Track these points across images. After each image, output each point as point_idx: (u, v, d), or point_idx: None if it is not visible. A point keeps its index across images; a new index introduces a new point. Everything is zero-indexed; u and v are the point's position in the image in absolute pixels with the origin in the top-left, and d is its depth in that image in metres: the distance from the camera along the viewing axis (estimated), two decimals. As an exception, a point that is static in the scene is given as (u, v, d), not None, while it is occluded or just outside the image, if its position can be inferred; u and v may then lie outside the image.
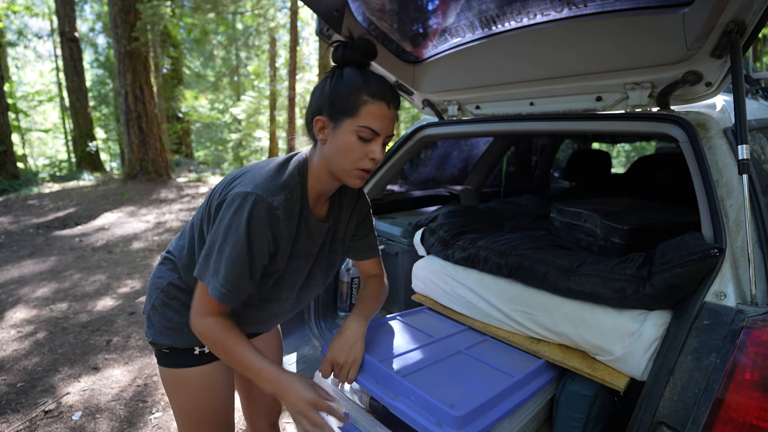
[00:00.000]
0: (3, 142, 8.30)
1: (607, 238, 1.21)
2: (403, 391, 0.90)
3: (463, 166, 2.72)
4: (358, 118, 0.82)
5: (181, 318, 0.96)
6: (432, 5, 1.35)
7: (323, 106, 0.84)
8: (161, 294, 0.98)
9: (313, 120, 0.86)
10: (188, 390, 0.99)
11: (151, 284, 1.02)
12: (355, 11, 1.32)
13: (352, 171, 0.86)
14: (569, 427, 1.11)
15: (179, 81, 12.99)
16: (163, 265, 1.02)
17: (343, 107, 0.82)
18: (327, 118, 0.84)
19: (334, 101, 0.83)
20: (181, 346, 0.97)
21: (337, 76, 0.85)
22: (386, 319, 1.31)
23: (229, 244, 0.81)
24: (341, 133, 0.83)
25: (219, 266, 0.82)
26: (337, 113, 0.83)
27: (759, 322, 0.74)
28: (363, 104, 0.82)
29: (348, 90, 0.82)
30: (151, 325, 0.99)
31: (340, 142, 0.84)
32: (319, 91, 0.86)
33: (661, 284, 0.91)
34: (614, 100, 1.25)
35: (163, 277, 0.99)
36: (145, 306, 1.02)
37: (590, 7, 1.09)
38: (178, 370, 0.98)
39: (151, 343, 0.99)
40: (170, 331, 0.97)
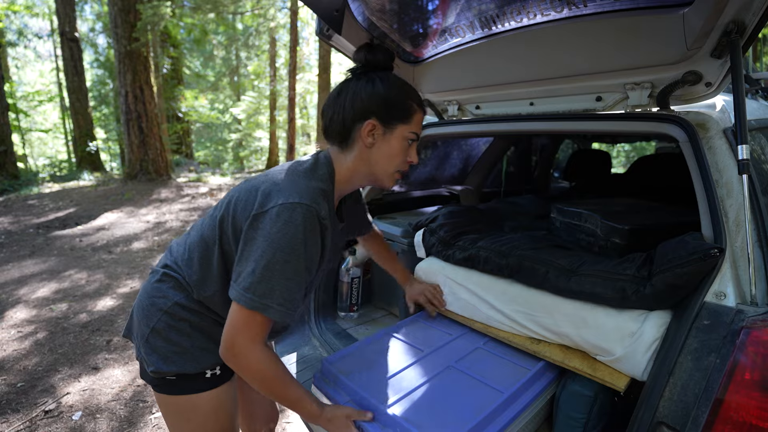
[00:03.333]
0: (3, 142, 8.30)
1: (607, 238, 1.20)
2: (390, 423, 0.87)
3: (463, 166, 2.72)
4: (410, 124, 0.87)
5: (191, 341, 0.87)
6: (432, 5, 1.35)
7: (375, 109, 0.84)
8: (164, 316, 0.87)
9: (360, 123, 0.84)
10: (200, 416, 0.91)
11: (147, 304, 0.89)
12: (355, 11, 1.32)
13: (394, 174, 0.90)
14: (569, 427, 1.11)
15: (179, 81, 12.99)
16: (161, 282, 0.90)
17: (398, 113, 0.85)
18: (379, 123, 0.85)
19: (390, 106, 0.84)
20: (191, 372, 0.87)
21: (382, 80, 0.86)
22: (378, 335, 1.26)
23: (281, 259, 0.74)
24: (393, 138, 0.86)
25: (272, 284, 0.74)
26: (393, 118, 0.85)
27: (759, 322, 0.74)
28: (415, 112, 0.87)
29: (403, 96, 0.86)
30: (152, 352, 0.86)
31: (391, 146, 0.86)
32: (365, 95, 0.84)
33: (661, 284, 0.91)
34: (614, 100, 1.25)
35: (166, 296, 0.88)
36: (139, 329, 0.89)
37: (590, 7, 1.10)
38: (189, 396, 0.89)
39: (152, 372, 0.86)
40: (178, 357, 0.86)
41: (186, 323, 0.88)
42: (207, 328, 0.89)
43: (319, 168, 0.86)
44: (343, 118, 0.85)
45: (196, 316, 0.88)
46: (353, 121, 0.85)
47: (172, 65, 12.23)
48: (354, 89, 0.86)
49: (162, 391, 0.90)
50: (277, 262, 0.74)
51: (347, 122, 0.85)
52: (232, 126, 15.19)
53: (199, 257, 0.88)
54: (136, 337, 0.91)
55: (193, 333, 0.88)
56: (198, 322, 0.88)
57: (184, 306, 0.87)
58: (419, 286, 1.39)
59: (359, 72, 0.89)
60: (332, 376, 1.06)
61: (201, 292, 0.88)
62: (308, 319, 1.75)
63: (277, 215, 0.75)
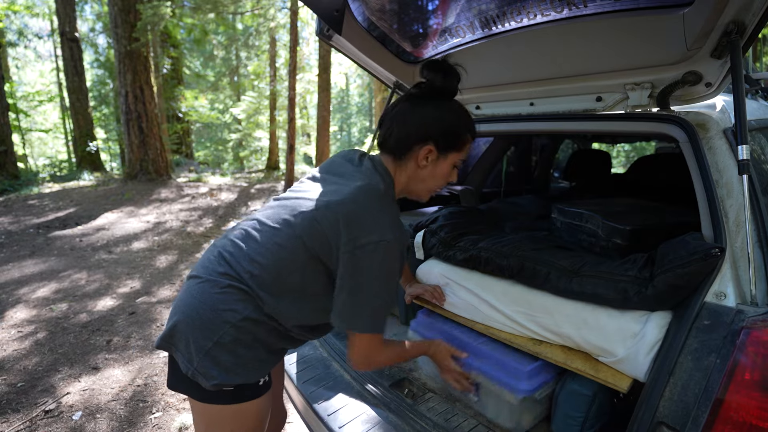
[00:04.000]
0: (3, 142, 8.30)
1: (608, 238, 1.20)
2: (482, 353, 1.21)
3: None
4: (461, 153, 0.95)
5: (253, 353, 0.87)
6: (432, 5, 1.35)
7: (434, 136, 0.90)
8: (232, 329, 0.83)
9: (419, 145, 0.91)
10: (247, 422, 0.92)
11: (211, 317, 0.84)
12: (355, 11, 1.32)
13: (434, 191, 0.99)
14: (567, 426, 1.12)
15: (179, 81, 12.99)
16: (226, 294, 0.85)
17: (454, 144, 0.92)
18: (436, 149, 0.91)
19: (448, 137, 0.91)
20: (252, 382, 0.88)
21: (452, 108, 0.93)
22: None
23: (384, 288, 0.86)
24: (444, 164, 0.94)
25: (378, 307, 0.87)
26: (448, 148, 0.92)
27: (759, 323, 0.74)
28: (467, 143, 0.95)
29: (462, 127, 0.93)
30: (215, 365, 0.83)
31: (441, 170, 0.95)
32: (430, 120, 0.90)
33: (663, 285, 0.91)
34: (614, 100, 1.25)
35: (235, 310, 0.84)
36: (196, 342, 0.83)
37: (590, 7, 1.10)
38: (241, 405, 0.89)
39: (213, 386, 0.83)
40: (242, 368, 0.85)
41: (251, 336, 0.86)
42: (268, 340, 0.90)
43: (388, 189, 0.93)
44: (406, 136, 0.91)
45: (262, 329, 0.88)
46: (414, 142, 0.91)
47: (172, 65, 12.23)
48: (421, 112, 0.91)
49: (215, 401, 0.87)
50: (381, 292, 0.86)
51: (409, 141, 0.91)
52: (232, 126, 15.19)
53: (276, 272, 0.87)
54: (186, 351, 0.85)
55: (255, 345, 0.87)
56: (262, 335, 0.88)
57: (254, 320, 0.86)
58: (420, 285, 1.43)
59: (427, 93, 0.93)
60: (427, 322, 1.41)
61: (275, 305, 0.87)
62: (308, 319, 1.75)
63: (375, 252, 0.82)
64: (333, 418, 1.22)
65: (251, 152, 14.56)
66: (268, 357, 0.91)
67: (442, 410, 1.25)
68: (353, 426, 1.19)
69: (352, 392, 1.33)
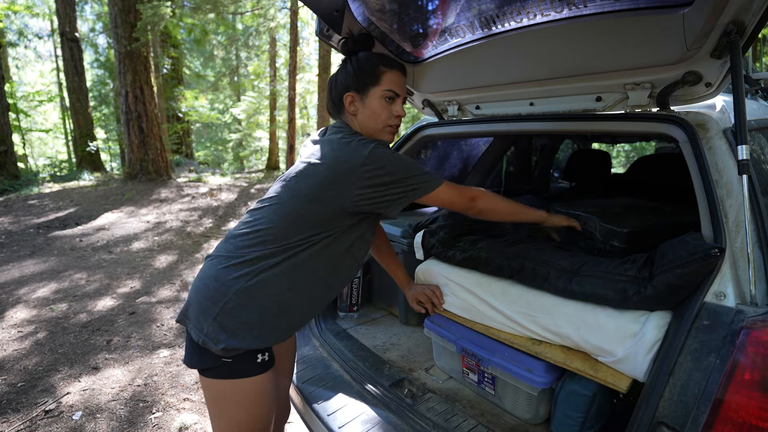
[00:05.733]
0: (4, 142, 8.30)
1: (606, 241, 1.20)
2: (497, 350, 1.24)
3: (463, 166, 2.72)
4: (381, 84, 1.02)
5: (258, 318, 0.93)
6: (432, 5, 1.35)
7: (349, 84, 1.03)
8: (235, 296, 0.92)
9: (342, 98, 1.04)
10: (247, 400, 0.97)
11: (216, 286, 0.94)
12: (355, 11, 1.32)
13: (384, 128, 1.05)
14: (567, 426, 1.12)
15: (179, 81, 12.99)
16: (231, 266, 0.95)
17: (367, 79, 1.02)
18: (354, 92, 1.03)
19: (359, 77, 1.02)
20: (257, 347, 0.94)
21: (354, 59, 1.05)
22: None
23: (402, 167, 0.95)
24: (369, 100, 1.02)
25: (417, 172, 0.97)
26: (363, 85, 1.02)
27: (758, 323, 0.74)
28: (383, 73, 1.02)
29: (368, 65, 1.02)
30: (223, 329, 0.91)
31: (372, 107, 1.03)
32: (342, 75, 1.05)
33: (662, 285, 0.91)
34: (614, 100, 1.25)
35: (237, 278, 0.93)
36: (205, 311, 0.93)
37: (590, 7, 1.09)
38: (238, 380, 0.94)
39: (221, 350, 0.90)
40: (247, 332, 0.92)
41: (254, 301, 0.93)
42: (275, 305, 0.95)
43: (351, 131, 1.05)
44: (333, 96, 1.08)
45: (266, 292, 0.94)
46: (339, 97, 1.05)
47: (172, 65, 12.22)
48: (339, 73, 1.07)
49: (213, 375, 0.95)
50: (406, 166, 0.96)
51: (337, 99, 1.07)
52: (232, 126, 15.19)
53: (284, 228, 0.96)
54: (197, 320, 0.94)
55: (259, 310, 0.94)
56: (268, 299, 0.94)
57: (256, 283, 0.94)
58: (419, 286, 1.42)
59: (344, 60, 1.09)
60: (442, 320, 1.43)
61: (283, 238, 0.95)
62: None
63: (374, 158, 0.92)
64: (333, 418, 1.22)
65: (251, 152, 14.56)
66: (275, 324, 0.96)
67: (442, 410, 1.25)
68: (353, 426, 1.19)
69: (352, 392, 1.33)
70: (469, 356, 1.32)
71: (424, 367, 1.53)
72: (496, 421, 1.24)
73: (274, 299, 0.94)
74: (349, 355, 1.52)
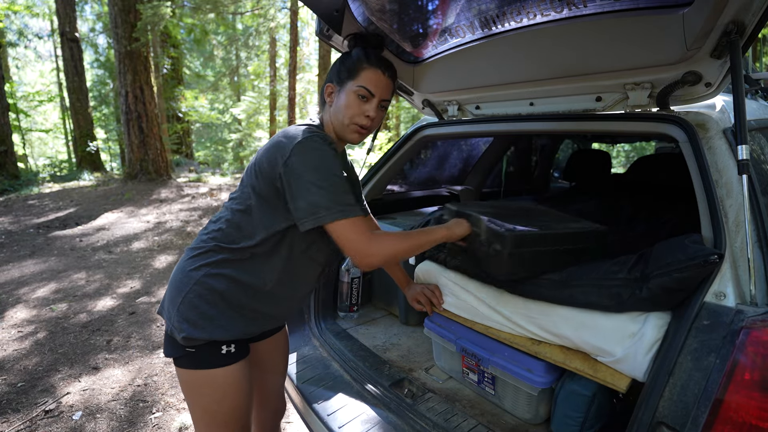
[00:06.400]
0: (4, 142, 8.30)
1: (489, 243, 1.10)
2: (497, 350, 1.23)
3: (463, 166, 2.72)
4: (357, 80, 1.00)
5: (218, 310, 0.95)
6: (432, 5, 1.35)
7: (332, 75, 1.05)
8: (195, 286, 0.95)
9: (324, 92, 1.06)
10: (215, 391, 0.98)
11: (180, 277, 0.98)
12: (355, 11, 1.32)
13: (350, 125, 1.02)
14: (567, 426, 1.12)
15: (179, 81, 12.98)
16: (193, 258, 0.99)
17: (347, 73, 1.02)
18: (334, 84, 1.04)
19: (341, 70, 1.03)
20: (219, 338, 0.96)
21: (346, 54, 1.07)
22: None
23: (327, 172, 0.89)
24: (345, 94, 1.02)
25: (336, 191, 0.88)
26: (343, 78, 1.02)
27: (758, 323, 0.74)
28: (362, 70, 1.01)
29: (353, 61, 1.02)
30: (185, 319, 0.94)
31: (342, 100, 1.02)
32: (333, 68, 1.07)
33: (658, 288, 0.91)
34: (614, 100, 1.25)
35: (197, 268, 0.97)
36: (172, 301, 0.98)
37: (590, 7, 1.09)
38: (205, 371, 0.96)
39: (183, 339, 0.94)
40: (207, 323, 0.94)
41: (212, 292, 0.96)
42: (233, 298, 0.97)
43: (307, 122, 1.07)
44: (322, 87, 1.09)
45: (222, 285, 0.96)
46: (324, 88, 1.07)
47: (172, 65, 12.22)
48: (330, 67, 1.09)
49: (181, 364, 0.98)
50: (327, 177, 0.88)
51: (322, 89, 1.08)
52: (232, 126, 15.18)
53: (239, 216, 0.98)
54: (168, 310, 0.99)
55: (220, 303, 0.96)
56: (224, 290, 0.96)
57: (212, 275, 0.96)
58: (418, 286, 1.42)
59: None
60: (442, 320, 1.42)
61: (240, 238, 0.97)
62: (308, 319, 1.75)
63: (302, 148, 0.89)
64: (333, 418, 1.22)
65: (251, 152, 14.55)
66: (236, 316, 0.98)
67: (441, 410, 1.25)
68: (353, 426, 1.19)
69: (352, 392, 1.33)
70: (469, 356, 1.32)
71: (424, 367, 1.53)
72: (496, 421, 1.24)
73: (233, 294, 0.97)
74: (349, 355, 1.52)
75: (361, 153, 12.17)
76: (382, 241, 0.92)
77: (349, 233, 0.88)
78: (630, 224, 1.67)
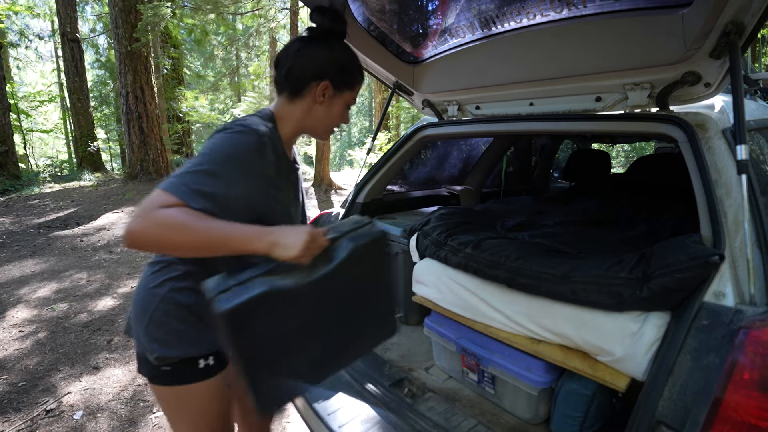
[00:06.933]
0: (5, 142, 8.31)
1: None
2: (497, 349, 1.24)
3: (463, 166, 2.72)
4: (353, 92, 0.98)
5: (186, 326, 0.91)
6: (432, 5, 1.35)
7: (330, 74, 0.93)
8: (161, 303, 0.90)
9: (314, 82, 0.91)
10: (200, 405, 0.96)
11: (144, 295, 0.92)
12: (355, 11, 1.33)
13: (329, 130, 1.01)
14: (566, 425, 1.12)
15: (180, 81, 12.98)
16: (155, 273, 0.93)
17: (348, 81, 0.96)
18: (331, 86, 0.93)
19: (344, 73, 0.95)
20: (191, 355, 0.92)
21: (342, 49, 0.96)
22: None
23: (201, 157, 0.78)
24: (339, 101, 0.97)
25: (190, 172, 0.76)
26: (343, 85, 0.95)
27: (757, 322, 0.74)
28: (358, 83, 0.99)
29: (355, 67, 0.98)
30: (154, 339, 0.90)
31: (336, 108, 0.97)
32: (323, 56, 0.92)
33: (659, 288, 0.91)
34: (614, 100, 1.26)
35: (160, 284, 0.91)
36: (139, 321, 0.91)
37: (590, 7, 1.10)
38: (185, 386, 0.93)
39: (155, 359, 0.89)
40: (177, 340, 0.90)
41: (179, 307, 0.91)
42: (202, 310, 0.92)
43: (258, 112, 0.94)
44: (302, 74, 0.92)
45: (190, 299, 0.91)
46: (310, 78, 0.92)
47: (173, 66, 12.22)
48: (315, 51, 0.93)
49: (158, 382, 0.94)
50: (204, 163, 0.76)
51: (306, 78, 0.92)
52: (232, 126, 15.12)
53: None
54: (137, 330, 0.94)
55: (189, 318, 0.92)
56: (193, 306, 0.91)
57: (178, 289, 0.91)
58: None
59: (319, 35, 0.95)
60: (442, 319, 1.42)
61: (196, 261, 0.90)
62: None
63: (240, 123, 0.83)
64: (333, 418, 1.22)
65: (252, 152, 14.52)
66: (207, 328, 0.92)
67: (441, 410, 1.25)
68: (353, 425, 1.19)
69: (352, 392, 1.33)
70: (468, 356, 1.32)
71: (424, 366, 1.53)
72: (496, 420, 1.24)
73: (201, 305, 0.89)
74: (349, 355, 1.52)
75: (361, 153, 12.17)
76: (159, 219, 0.69)
77: (146, 199, 0.71)
78: (630, 224, 1.67)
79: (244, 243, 0.74)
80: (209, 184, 0.75)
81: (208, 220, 0.72)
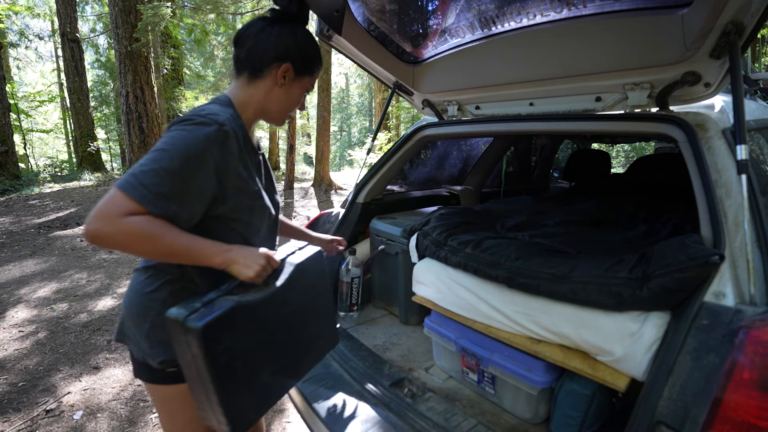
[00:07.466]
0: (5, 142, 8.31)
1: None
2: (497, 349, 1.24)
3: (462, 166, 2.73)
4: (312, 78, 0.97)
5: None
6: (432, 6, 1.35)
7: (293, 57, 0.92)
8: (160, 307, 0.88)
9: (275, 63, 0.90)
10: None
11: (140, 301, 0.90)
12: (355, 11, 1.33)
13: (286, 115, 0.99)
14: (566, 425, 1.12)
15: (180, 81, 12.99)
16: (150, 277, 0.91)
17: (310, 67, 0.95)
18: (293, 69, 0.92)
19: (306, 59, 0.94)
20: None
21: (305, 34, 0.95)
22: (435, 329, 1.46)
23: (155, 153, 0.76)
24: (298, 86, 0.95)
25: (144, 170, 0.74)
26: (304, 69, 0.94)
27: (757, 322, 0.74)
28: (317, 68, 0.98)
29: (316, 54, 0.96)
30: (159, 343, 0.89)
31: (294, 93, 0.96)
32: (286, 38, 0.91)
33: (659, 288, 0.91)
34: (614, 100, 1.26)
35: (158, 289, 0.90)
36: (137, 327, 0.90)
37: (589, 7, 1.10)
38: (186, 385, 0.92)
39: (160, 363, 0.88)
40: None
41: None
42: None
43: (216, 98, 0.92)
44: (264, 54, 0.90)
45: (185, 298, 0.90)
46: (272, 59, 0.90)
47: (173, 66, 12.23)
48: (279, 32, 0.91)
49: (164, 382, 0.93)
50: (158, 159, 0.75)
51: (266, 59, 0.90)
52: (232, 126, 15.12)
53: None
54: (134, 337, 0.92)
55: None
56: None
57: (177, 291, 0.90)
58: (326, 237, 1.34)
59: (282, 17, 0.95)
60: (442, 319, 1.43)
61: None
62: (308, 318, 1.75)
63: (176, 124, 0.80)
64: (333, 418, 1.22)
65: (252, 152, 14.53)
66: None
67: (441, 410, 1.25)
68: (353, 426, 1.19)
69: (352, 392, 1.33)
70: (468, 356, 1.32)
71: (424, 366, 1.53)
72: (496, 420, 1.24)
73: None
74: (349, 355, 1.52)
75: (361, 153, 12.17)
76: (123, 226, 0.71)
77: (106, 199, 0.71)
78: (630, 224, 1.67)
79: (205, 258, 0.79)
80: (167, 183, 0.74)
81: (171, 232, 0.75)
